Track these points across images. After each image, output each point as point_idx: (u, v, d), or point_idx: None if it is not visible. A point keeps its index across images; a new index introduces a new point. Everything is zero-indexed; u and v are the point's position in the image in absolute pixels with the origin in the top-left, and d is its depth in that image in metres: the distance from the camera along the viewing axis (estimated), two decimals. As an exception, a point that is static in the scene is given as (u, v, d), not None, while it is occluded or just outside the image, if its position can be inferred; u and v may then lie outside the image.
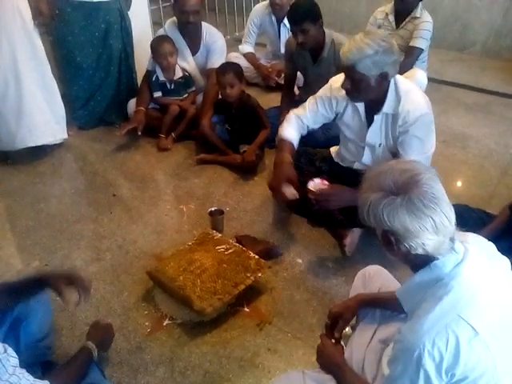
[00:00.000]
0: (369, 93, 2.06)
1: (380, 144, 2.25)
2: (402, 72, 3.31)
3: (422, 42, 3.52)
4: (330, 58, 3.01)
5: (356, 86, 2.03)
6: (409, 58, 3.53)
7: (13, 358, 1.29)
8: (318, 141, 2.92)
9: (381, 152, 2.28)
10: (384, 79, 2.01)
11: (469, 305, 1.09)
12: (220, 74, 3.00)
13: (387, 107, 2.11)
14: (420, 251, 1.12)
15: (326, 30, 2.99)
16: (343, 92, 2.13)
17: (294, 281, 2.23)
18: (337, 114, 2.34)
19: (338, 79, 2.22)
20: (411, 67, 3.55)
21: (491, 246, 1.25)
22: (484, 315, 1.09)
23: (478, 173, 3.03)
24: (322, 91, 2.35)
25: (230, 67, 3.05)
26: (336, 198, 2.12)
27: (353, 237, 2.34)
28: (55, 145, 3.37)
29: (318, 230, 2.54)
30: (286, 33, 4.08)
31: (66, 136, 3.34)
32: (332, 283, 2.21)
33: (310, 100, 2.39)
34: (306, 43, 2.91)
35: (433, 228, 1.08)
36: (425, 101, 2.12)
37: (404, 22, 3.63)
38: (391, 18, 3.70)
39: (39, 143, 3.18)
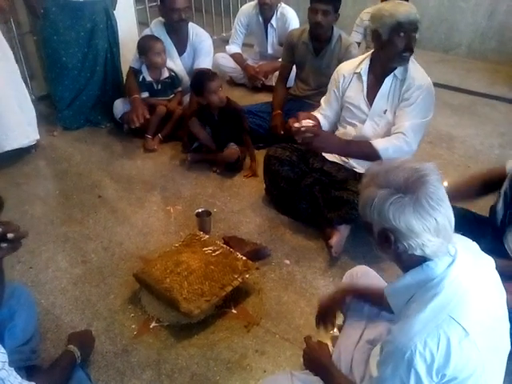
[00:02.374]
0: (395, 55, 2.22)
1: (385, 111, 2.32)
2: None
3: None
4: (334, 51, 3.11)
5: (393, 46, 2.19)
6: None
7: (2, 354, 1.28)
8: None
9: (384, 121, 2.33)
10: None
11: (459, 305, 1.09)
12: (207, 80, 2.93)
13: (398, 71, 2.26)
14: (418, 252, 1.11)
15: (334, 27, 3.12)
16: (351, 66, 2.35)
17: (281, 282, 2.23)
18: (343, 93, 2.44)
19: (347, 62, 2.49)
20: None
21: (475, 246, 1.26)
22: (474, 315, 1.09)
23: (464, 173, 3.04)
24: (331, 80, 2.51)
25: (211, 72, 3.05)
26: (323, 140, 2.22)
27: (339, 237, 2.34)
28: (39, 146, 3.33)
29: (306, 231, 2.54)
30: (273, 33, 4.08)
31: (38, 137, 3.27)
32: (320, 284, 2.21)
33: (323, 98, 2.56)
34: (322, 25, 3.01)
35: (435, 229, 1.08)
36: (427, 76, 2.28)
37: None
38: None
39: (15, 146, 3.11)
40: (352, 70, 2.40)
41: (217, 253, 2.21)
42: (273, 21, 4.02)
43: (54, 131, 3.56)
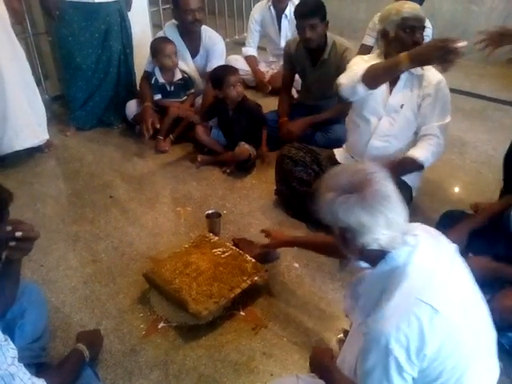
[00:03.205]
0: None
1: (402, 105, 2.32)
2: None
3: None
4: (330, 60, 3.03)
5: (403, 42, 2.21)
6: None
7: (12, 350, 1.30)
8: (318, 143, 2.92)
9: (402, 115, 2.33)
10: None
11: (426, 287, 1.15)
12: (230, 74, 2.98)
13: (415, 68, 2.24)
14: (374, 246, 1.18)
15: (327, 33, 3.02)
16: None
17: (290, 285, 2.22)
18: None
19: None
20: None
21: (439, 234, 1.34)
22: (442, 294, 1.15)
23: (476, 179, 3.03)
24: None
25: (232, 67, 3.08)
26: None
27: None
28: (52, 145, 3.37)
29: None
30: (286, 25, 4.11)
31: (47, 137, 3.30)
32: (329, 287, 2.20)
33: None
34: (313, 40, 2.93)
35: (386, 224, 1.15)
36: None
37: (403, 28, 3.64)
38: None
39: (25, 146, 3.14)
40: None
41: (226, 254, 2.21)
42: (286, 11, 4.04)
43: (66, 131, 3.59)
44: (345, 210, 1.16)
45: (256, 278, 2.10)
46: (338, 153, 2.63)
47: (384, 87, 2.33)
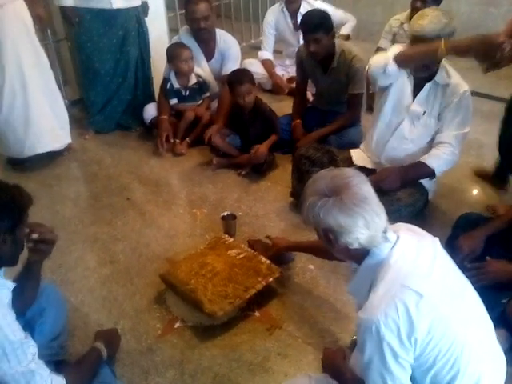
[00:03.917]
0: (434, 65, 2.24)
1: (425, 112, 2.33)
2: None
3: None
4: (339, 68, 3.03)
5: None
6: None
7: (33, 347, 1.34)
8: (354, 140, 2.93)
9: (423, 121, 2.35)
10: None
11: (409, 274, 1.22)
12: (236, 83, 3.00)
13: (439, 77, 2.28)
14: (356, 245, 1.26)
15: (336, 40, 3.02)
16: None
17: (305, 286, 2.23)
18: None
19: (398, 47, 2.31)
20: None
21: (421, 230, 1.40)
22: (425, 280, 1.21)
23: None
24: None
25: (244, 76, 3.05)
26: (382, 176, 2.29)
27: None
28: (71, 148, 3.43)
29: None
30: None
31: (69, 141, 3.37)
32: (343, 289, 2.20)
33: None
34: (318, 52, 2.93)
35: (364, 224, 1.22)
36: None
37: (419, 31, 3.63)
38: (406, 26, 3.70)
39: (47, 150, 3.21)
40: None
41: (241, 256, 2.23)
42: (301, 10, 4.05)
43: (85, 135, 3.65)
44: (324, 213, 1.23)
45: (271, 280, 2.12)
46: (355, 154, 2.63)
47: (408, 92, 2.35)
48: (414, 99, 2.36)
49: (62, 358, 1.76)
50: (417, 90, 2.35)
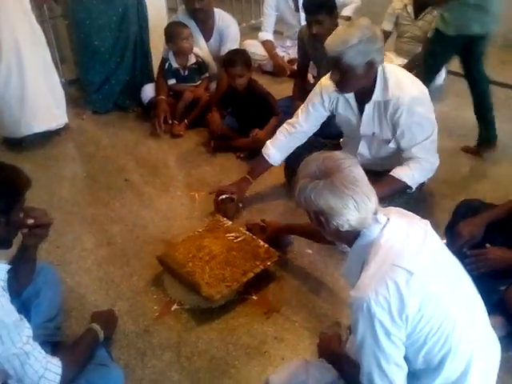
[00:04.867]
0: (357, 82, 2.09)
1: (374, 133, 2.26)
2: (418, 63, 3.28)
3: None
4: None
5: (344, 77, 2.06)
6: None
7: (28, 329, 1.33)
8: (332, 132, 2.89)
9: (376, 142, 2.29)
10: (371, 67, 2.03)
11: (399, 253, 1.23)
12: (229, 65, 2.96)
13: (376, 95, 2.14)
14: (347, 227, 1.26)
15: (339, 21, 2.96)
16: (333, 87, 2.14)
17: (303, 271, 2.23)
18: (332, 111, 2.36)
19: (327, 77, 2.23)
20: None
21: (412, 214, 1.40)
22: (416, 259, 1.22)
23: (495, 169, 2.96)
24: (313, 93, 2.38)
25: (238, 57, 2.98)
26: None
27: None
28: (68, 128, 3.39)
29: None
30: None
31: (66, 120, 3.33)
32: (341, 274, 2.20)
33: (302, 106, 2.42)
34: (321, 34, 2.87)
35: (355, 206, 1.23)
36: (415, 85, 2.15)
37: (423, 14, 3.59)
38: (410, 8, 3.65)
39: (43, 129, 3.18)
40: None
41: (239, 239, 2.22)
42: None
43: (83, 114, 3.61)
44: (315, 195, 1.24)
45: (269, 263, 2.11)
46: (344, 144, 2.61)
47: (352, 116, 2.29)
48: (360, 120, 2.27)
49: (58, 340, 1.76)
50: (360, 110, 2.25)
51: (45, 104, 3.12)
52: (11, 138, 3.19)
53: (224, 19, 3.49)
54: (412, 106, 2.10)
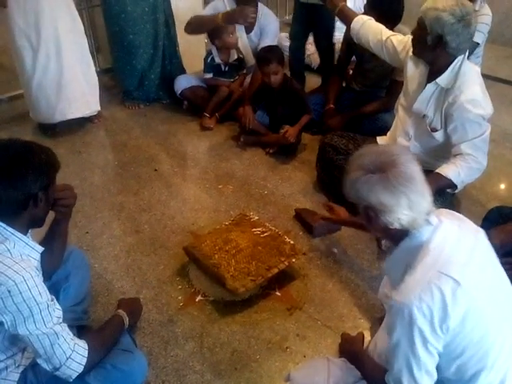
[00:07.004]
0: (423, 51, 2.10)
1: (424, 115, 2.22)
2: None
3: (478, 35, 3.35)
4: None
5: (416, 37, 2.10)
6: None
7: (58, 310, 1.36)
8: (365, 131, 2.87)
9: (423, 127, 2.25)
10: (440, 45, 2.00)
11: (448, 261, 1.18)
12: (263, 63, 2.95)
13: (441, 79, 2.12)
14: (396, 225, 1.22)
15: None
16: None
17: (327, 269, 2.22)
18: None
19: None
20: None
21: (464, 218, 1.36)
22: (464, 269, 1.17)
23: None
24: (401, 40, 2.37)
25: (272, 55, 2.96)
26: None
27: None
28: (101, 116, 3.44)
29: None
30: None
31: (99, 108, 3.37)
32: (366, 276, 2.19)
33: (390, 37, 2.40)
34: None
35: (408, 205, 1.18)
36: (482, 93, 2.10)
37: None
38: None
39: (77, 115, 3.23)
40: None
41: (265, 234, 2.23)
42: None
43: (135, 106, 3.65)
44: (367, 189, 1.20)
45: (294, 260, 2.11)
46: (381, 141, 2.57)
47: (415, 90, 2.24)
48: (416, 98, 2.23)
49: (84, 324, 1.80)
50: (419, 88, 2.21)
51: (80, 91, 3.17)
52: (46, 124, 3.25)
53: (266, 14, 3.45)
54: (471, 104, 2.06)
